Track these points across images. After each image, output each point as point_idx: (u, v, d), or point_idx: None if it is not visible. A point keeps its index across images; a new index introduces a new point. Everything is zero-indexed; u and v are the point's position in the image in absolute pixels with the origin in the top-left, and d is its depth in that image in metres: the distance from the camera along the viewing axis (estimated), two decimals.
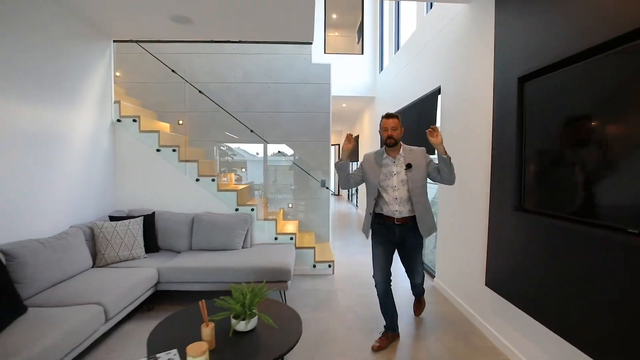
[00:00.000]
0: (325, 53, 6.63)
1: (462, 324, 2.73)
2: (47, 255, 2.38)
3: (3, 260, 2.03)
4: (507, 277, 2.17)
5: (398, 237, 2.31)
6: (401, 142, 2.33)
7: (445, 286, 3.32)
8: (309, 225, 4.72)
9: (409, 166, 2.23)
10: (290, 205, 4.75)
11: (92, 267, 2.88)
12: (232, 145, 5.11)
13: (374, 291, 2.40)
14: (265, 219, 3.90)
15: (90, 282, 2.48)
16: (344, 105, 7.63)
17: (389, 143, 2.26)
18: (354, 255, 4.72)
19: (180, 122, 4.64)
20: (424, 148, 2.35)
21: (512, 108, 2.05)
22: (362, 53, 6.85)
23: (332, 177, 4.99)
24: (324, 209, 4.78)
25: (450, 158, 2.15)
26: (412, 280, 2.60)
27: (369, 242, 2.48)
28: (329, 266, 3.94)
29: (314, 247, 3.94)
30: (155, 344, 1.79)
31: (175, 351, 1.60)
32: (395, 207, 2.25)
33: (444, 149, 2.16)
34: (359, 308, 3.03)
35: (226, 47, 4.58)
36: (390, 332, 2.45)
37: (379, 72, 6.45)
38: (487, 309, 2.54)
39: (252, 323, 1.91)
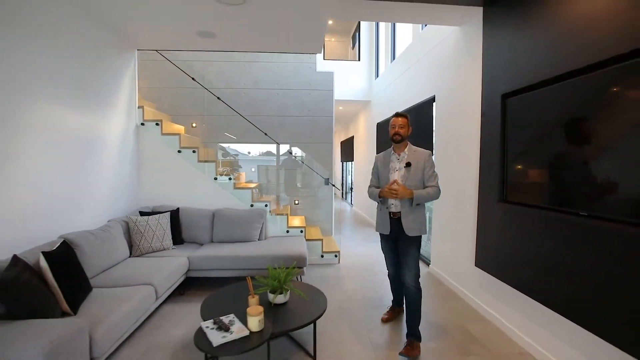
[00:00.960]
0: (324, 59, 7.02)
1: (454, 299, 3.20)
2: (97, 244, 2.71)
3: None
4: (493, 257, 2.63)
5: (394, 230, 2.42)
6: (408, 142, 2.47)
7: (440, 271, 3.78)
8: (314, 220, 5.12)
9: (407, 165, 2.38)
10: (296, 202, 5.14)
11: (129, 256, 3.21)
12: (224, 145, 5.33)
13: (378, 277, 2.80)
14: (277, 214, 4.29)
15: (134, 268, 2.82)
16: (340, 108, 8.05)
17: (395, 139, 2.41)
18: (355, 247, 5.14)
19: (194, 124, 4.97)
20: (430, 152, 2.44)
21: (497, 118, 2.51)
22: (359, 59, 7.29)
23: (334, 175, 5.39)
24: (327, 205, 5.19)
25: (414, 199, 2.28)
26: (402, 274, 2.42)
27: (368, 236, 2.89)
28: (335, 256, 4.36)
29: (321, 239, 4.35)
30: (207, 313, 2.16)
31: (232, 315, 1.99)
32: (392, 201, 2.40)
33: (409, 196, 2.28)
34: (366, 290, 3.46)
35: (237, 55, 4.93)
36: (397, 307, 2.85)
37: (375, 78, 6.90)
38: (476, 286, 3.00)
39: (287, 296, 2.31)
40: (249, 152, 6.34)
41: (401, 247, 2.43)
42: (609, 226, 1.62)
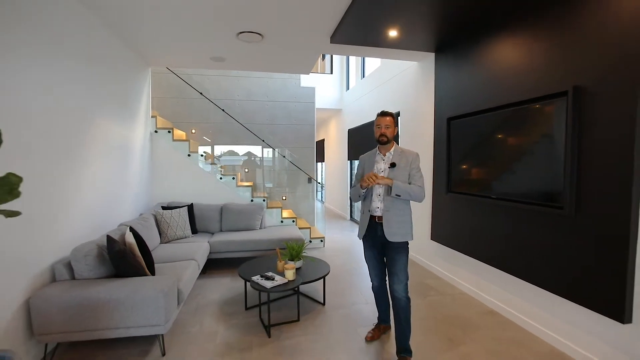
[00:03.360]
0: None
1: (416, 267, 4.28)
2: (145, 231, 3.38)
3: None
4: (443, 231, 3.73)
5: (380, 236, 2.27)
6: (394, 142, 2.38)
7: None
8: (299, 213, 6.00)
9: (392, 165, 2.26)
10: (284, 198, 5.99)
11: (160, 243, 3.87)
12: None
13: (357, 255, 3.53)
14: (271, 208, 5.12)
15: (173, 250, 3.52)
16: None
17: (381, 140, 2.29)
18: (334, 235, 6.11)
19: (193, 131, 5.61)
20: (417, 153, 2.34)
21: (444, 133, 3.60)
22: (331, 72, 8.28)
23: (316, 175, 6.29)
24: (310, 201, 6.11)
25: (393, 188, 2.19)
26: (391, 284, 2.29)
27: (343, 227, 3.63)
28: (321, 241, 5.29)
29: (309, 228, 5.26)
30: (244, 274, 2.96)
31: (271, 272, 2.84)
32: (377, 204, 2.27)
33: (389, 185, 2.19)
34: (350, 264, 4.43)
35: (232, 70, 5.64)
36: (383, 324, 2.63)
37: (346, 90, 7.94)
38: (432, 255, 4.11)
39: (302, 263, 3.20)
40: (204, 152, 6.93)
41: (388, 255, 2.28)
42: (506, 204, 2.73)
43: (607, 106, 1.99)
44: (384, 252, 2.35)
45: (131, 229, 2.93)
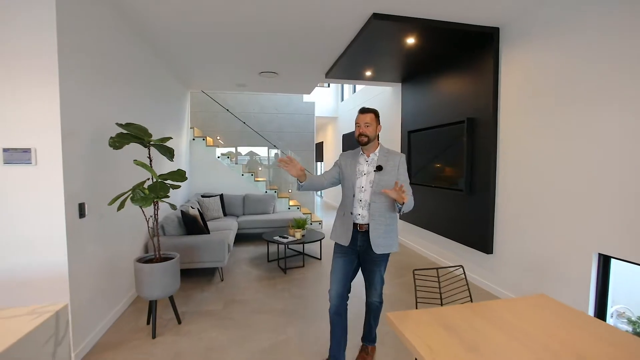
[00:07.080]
0: None
1: None
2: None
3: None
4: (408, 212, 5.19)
5: (359, 245, 2.08)
6: (379, 142, 2.17)
7: None
8: (301, 203, 7.47)
9: (378, 168, 2.05)
10: (290, 190, 7.45)
11: None
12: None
13: None
14: (281, 197, 6.59)
15: (215, 225, 4.96)
16: None
17: (361, 140, 2.07)
18: (330, 221, 7.57)
19: (218, 137, 7.07)
20: (404, 155, 2.17)
21: (406, 141, 5.06)
22: (329, 86, 9.74)
23: (316, 172, 7.75)
24: (310, 193, 7.57)
25: (405, 205, 1.97)
26: (367, 294, 2.19)
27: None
28: (319, 224, 6.76)
29: (310, 213, 6.73)
30: (267, 237, 4.43)
31: (286, 235, 4.30)
32: (359, 211, 2.06)
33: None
34: None
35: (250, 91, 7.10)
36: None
37: (341, 101, 9.40)
38: (399, 231, 5.57)
39: (305, 231, 4.68)
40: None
41: (367, 266, 2.12)
42: (437, 190, 4.18)
43: (483, 129, 3.46)
44: (358, 263, 2.15)
45: (192, 207, 4.41)
